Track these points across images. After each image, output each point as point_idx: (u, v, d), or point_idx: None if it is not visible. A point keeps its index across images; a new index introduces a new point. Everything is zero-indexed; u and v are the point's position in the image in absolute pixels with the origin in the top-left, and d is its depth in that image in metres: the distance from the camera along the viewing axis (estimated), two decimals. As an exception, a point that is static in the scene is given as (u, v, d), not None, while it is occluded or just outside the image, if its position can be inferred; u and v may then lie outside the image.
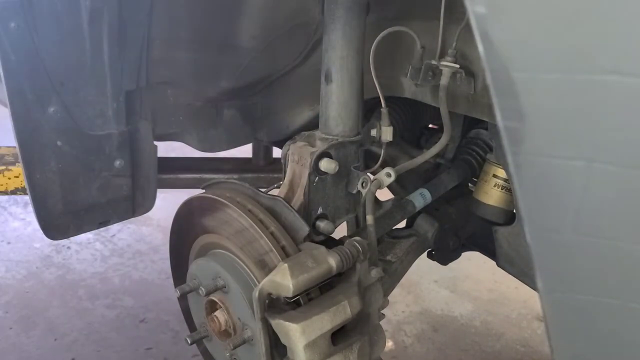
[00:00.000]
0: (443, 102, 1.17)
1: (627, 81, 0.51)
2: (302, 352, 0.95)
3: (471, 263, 2.18)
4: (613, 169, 0.56)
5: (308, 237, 1.08)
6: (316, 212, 1.16)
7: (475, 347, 2.35)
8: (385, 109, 1.20)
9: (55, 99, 1.16)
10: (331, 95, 1.16)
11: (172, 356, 2.21)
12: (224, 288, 1.08)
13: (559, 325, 0.72)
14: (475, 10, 0.54)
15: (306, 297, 1.01)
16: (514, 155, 0.61)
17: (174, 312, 2.39)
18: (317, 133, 1.20)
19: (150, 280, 2.73)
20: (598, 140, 0.56)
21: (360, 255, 1.05)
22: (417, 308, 2.59)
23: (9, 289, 2.60)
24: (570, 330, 0.72)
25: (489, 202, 1.43)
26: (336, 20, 1.11)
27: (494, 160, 1.41)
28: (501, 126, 0.60)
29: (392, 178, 1.17)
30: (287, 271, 0.95)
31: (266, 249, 1.03)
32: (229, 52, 1.41)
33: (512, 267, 1.43)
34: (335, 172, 1.12)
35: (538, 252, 0.67)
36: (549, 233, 0.65)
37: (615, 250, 0.62)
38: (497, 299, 2.66)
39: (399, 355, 2.29)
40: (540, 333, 2.42)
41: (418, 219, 1.51)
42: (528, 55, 0.55)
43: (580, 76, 0.53)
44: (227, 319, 1.11)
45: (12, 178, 2.01)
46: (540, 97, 0.57)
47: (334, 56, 1.13)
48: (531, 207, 0.64)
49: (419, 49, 1.20)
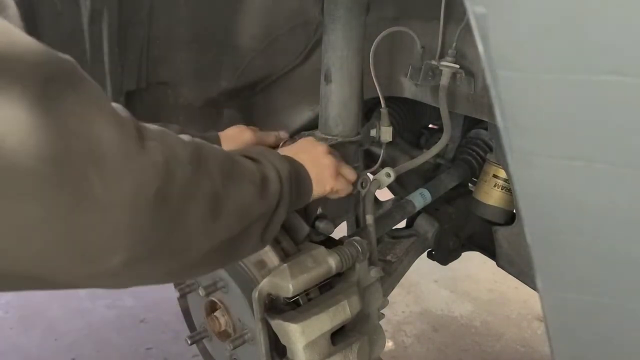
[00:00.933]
0: (443, 102, 1.17)
1: (627, 81, 0.51)
2: (301, 352, 0.95)
3: (471, 263, 2.17)
4: (613, 169, 0.56)
5: (307, 237, 1.08)
6: (315, 212, 1.16)
7: (475, 347, 2.35)
8: (384, 109, 1.20)
9: (55, 99, 1.16)
10: (331, 95, 1.16)
11: (172, 356, 2.21)
12: (224, 288, 1.08)
13: (559, 325, 0.73)
14: (475, 10, 0.54)
15: (306, 297, 1.01)
16: (514, 155, 0.61)
17: (174, 312, 2.38)
18: (317, 133, 1.20)
19: (150, 280, 2.73)
20: (598, 140, 0.56)
21: (359, 255, 1.06)
22: (417, 308, 2.59)
23: (9, 289, 2.60)
24: (570, 330, 0.72)
25: (489, 202, 1.43)
26: (336, 20, 1.11)
27: (494, 160, 1.41)
28: (501, 126, 0.60)
29: (392, 178, 1.17)
30: (286, 271, 0.95)
31: (266, 250, 1.03)
32: (229, 52, 1.41)
33: (512, 267, 1.43)
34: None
35: (538, 252, 0.67)
36: (549, 233, 0.65)
37: (615, 251, 0.62)
38: (497, 299, 2.66)
39: (399, 356, 2.29)
40: (540, 333, 2.42)
41: (418, 219, 1.51)
42: (528, 55, 0.55)
43: (580, 76, 0.53)
44: (226, 319, 1.11)
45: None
46: (540, 97, 0.57)
47: (333, 56, 1.13)
48: (531, 207, 0.64)
49: (419, 49, 1.20)
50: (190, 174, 0.65)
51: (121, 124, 0.58)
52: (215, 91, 1.47)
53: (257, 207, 0.79)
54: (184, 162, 0.65)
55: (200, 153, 0.70)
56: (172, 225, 0.63)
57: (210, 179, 0.69)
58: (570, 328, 0.72)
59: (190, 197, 0.65)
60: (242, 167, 0.79)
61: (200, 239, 0.69)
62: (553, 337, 0.73)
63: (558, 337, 0.73)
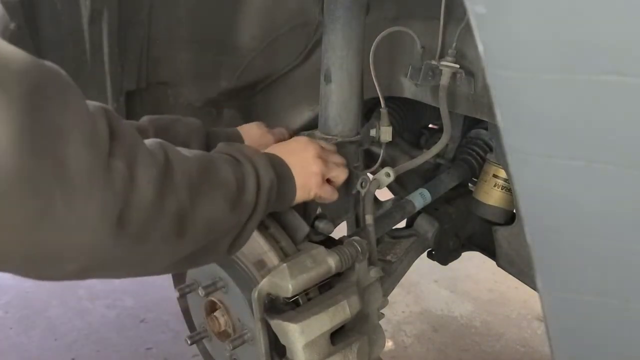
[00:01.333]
0: (443, 102, 1.17)
1: (627, 81, 0.51)
2: (301, 352, 0.95)
3: (471, 263, 2.17)
4: (613, 169, 0.56)
5: (307, 237, 1.08)
6: (315, 212, 1.16)
7: (475, 347, 2.35)
8: (384, 109, 1.20)
9: (55, 99, 1.16)
10: (330, 95, 1.16)
11: (172, 356, 2.21)
12: (223, 288, 1.08)
13: (559, 325, 0.72)
14: (475, 10, 0.54)
15: (305, 297, 1.01)
16: (514, 155, 0.61)
17: (174, 312, 2.38)
18: (317, 133, 1.20)
19: (150, 280, 2.73)
20: (598, 140, 0.56)
21: (359, 255, 1.05)
22: (417, 308, 2.59)
23: (9, 289, 2.60)
24: (570, 330, 0.72)
25: (489, 202, 1.43)
26: (335, 20, 1.11)
27: (494, 160, 1.41)
28: (501, 126, 0.60)
29: (391, 178, 1.17)
30: (286, 271, 0.95)
31: (265, 249, 1.03)
32: (229, 52, 1.41)
33: (512, 267, 1.43)
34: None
35: (538, 252, 0.67)
36: (549, 233, 0.65)
37: (615, 250, 0.62)
38: (497, 299, 2.66)
39: (399, 356, 2.29)
40: (540, 333, 2.42)
41: (418, 219, 1.51)
42: (528, 55, 0.55)
43: (580, 76, 0.53)
44: (226, 319, 1.11)
45: (12, 178, 2.01)
46: (540, 97, 0.57)
47: (333, 56, 1.13)
48: (531, 207, 0.64)
49: (419, 49, 1.20)
50: (154, 197, 0.65)
51: (94, 144, 0.59)
52: (215, 91, 1.47)
53: (226, 221, 0.78)
54: (148, 184, 0.65)
55: (168, 168, 0.70)
56: (133, 246, 0.65)
57: (177, 196, 0.69)
58: (570, 328, 0.72)
59: (153, 220, 0.66)
60: (217, 178, 0.78)
61: (163, 255, 0.71)
62: (553, 337, 0.73)
63: (558, 337, 0.73)
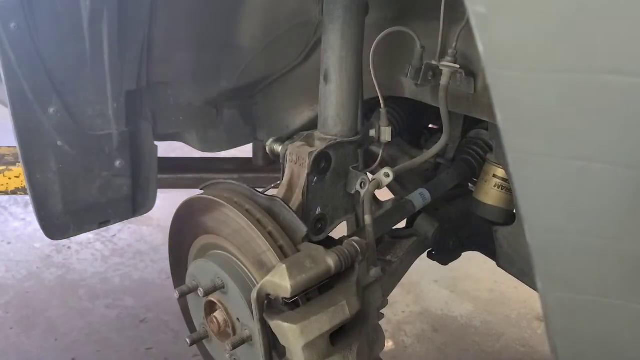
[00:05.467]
0: (443, 102, 1.17)
1: (627, 81, 0.51)
2: (300, 353, 0.95)
3: (471, 263, 2.17)
4: (613, 169, 0.56)
5: (306, 238, 1.08)
6: (315, 213, 1.16)
7: (475, 347, 2.35)
8: (384, 109, 1.20)
9: (55, 99, 1.16)
10: (330, 95, 1.16)
11: (172, 356, 2.21)
12: (223, 289, 1.08)
13: (559, 325, 0.72)
14: (475, 10, 0.54)
15: (305, 297, 1.01)
16: (514, 155, 0.61)
17: (174, 312, 2.38)
18: (316, 133, 1.20)
19: (150, 280, 2.73)
20: (598, 140, 0.56)
21: (359, 255, 1.05)
22: (417, 308, 2.59)
23: (9, 289, 2.60)
24: (570, 330, 0.72)
25: (489, 202, 1.43)
26: (335, 20, 1.11)
27: (494, 160, 1.41)
28: (501, 126, 0.60)
29: (391, 178, 1.17)
30: (285, 272, 0.95)
31: (264, 249, 1.03)
32: (229, 52, 1.41)
33: (512, 267, 1.43)
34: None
35: (538, 252, 0.67)
36: (549, 233, 0.65)
37: (615, 250, 0.62)
38: (497, 299, 2.66)
39: (399, 355, 2.29)
40: (540, 333, 2.42)
41: (418, 219, 1.51)
42: (528, 55, 0.55)
43: (580, 76, 0.53)
44: (226, 320, 1.11)
45: (12, 178, 2.01)
46: (540, 97, 0.56)
47: (332, 56, 1.13)
48: (531, 207, 0.64)
49: (419, 49, 1.20)
50: None
51: None
52: (215, 91, 1.47)
53: None
54: None
55: None
56: None
57: None
58: (570, 328, 0.72)
59: None
60: None
61: None
62: (553, 337, 0.73)
63: (558, 337, 0.73)
